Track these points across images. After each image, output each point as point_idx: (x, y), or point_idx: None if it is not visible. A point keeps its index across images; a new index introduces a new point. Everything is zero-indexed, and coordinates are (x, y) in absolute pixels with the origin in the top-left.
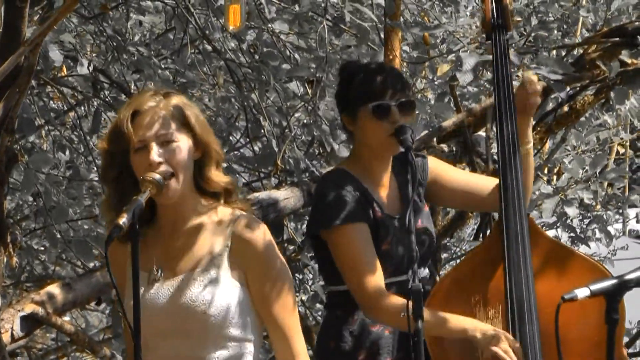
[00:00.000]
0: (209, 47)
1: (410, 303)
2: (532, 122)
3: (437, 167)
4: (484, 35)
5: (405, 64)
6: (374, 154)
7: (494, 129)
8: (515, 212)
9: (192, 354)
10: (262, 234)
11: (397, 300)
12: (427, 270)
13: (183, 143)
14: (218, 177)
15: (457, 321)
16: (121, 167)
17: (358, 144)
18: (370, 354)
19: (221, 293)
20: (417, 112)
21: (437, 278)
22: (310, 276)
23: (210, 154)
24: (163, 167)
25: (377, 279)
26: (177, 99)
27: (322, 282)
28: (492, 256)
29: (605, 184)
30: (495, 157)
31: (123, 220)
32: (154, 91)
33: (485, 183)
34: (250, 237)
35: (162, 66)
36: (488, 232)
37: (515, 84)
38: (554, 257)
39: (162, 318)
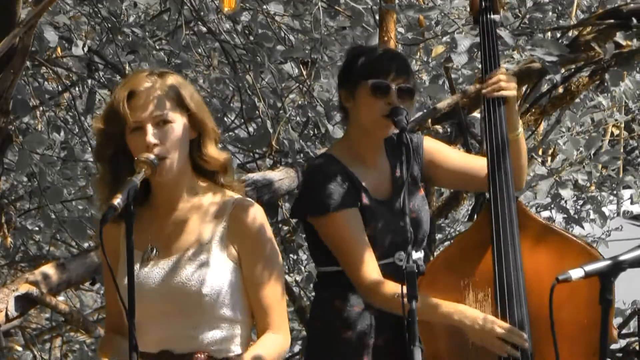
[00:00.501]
0: (204, 29)
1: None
2: (517, 109)
3: (433, 147)
4: (472, 19)
5: (399, 45)
6: (365, 134)
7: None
8: (503, 195)
9: (185, 334)
10: (257, 216)
11: (392, 285)
12: (421, 254)
13: (178, 123)
14: (216, 154)
15: (446, 307)
16: (116, 147)
17: (351, 124)
18: (356, 335)
19: (215, 273)
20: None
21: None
22: (305, 257)
23: (207, 132)
24: (158, 148)
25: (371, 264)
26: (172, 79)
27: None
28: (481, 239)
29: (600, 165)
30: None
31: (118, 201)
32: (150, 71)
33: (482, 164)
34: (245, 219)
35: (157, 47)
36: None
37: (510, 66)
38: (543, 239)
39: (155, 297)
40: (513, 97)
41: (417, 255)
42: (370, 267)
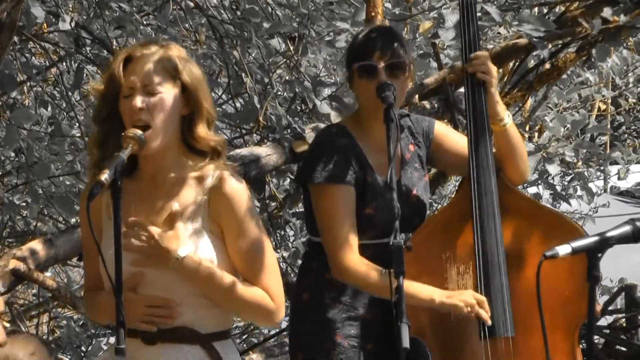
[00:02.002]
0: (191, 4)
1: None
2: (499, 100)
3: (444, 133)
4: None
5: (386, 21)
6: (369, 114)
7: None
8: (483, 167)
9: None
10: (239, 191)
11: (362, 266)
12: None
13: (168, 94)
14: (207, 135)
15: (425, 292)
16: (111, 109)
17: (358, 104)
18: (344, 308)
19: (196, 246)
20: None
21: None
22: (292, 233)
23: (201, 111)
24: (144, 115)
25: (352, 244)
26: (175, 52)
27: (303, 239)
28: (462, 212)
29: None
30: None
31: (105, 176)
32: (156, 41)
33: None
34: (228, 192)
35: (144, 22)
36: None
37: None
38: (524, 212)
39: (137, 272)
40: (494, 85)
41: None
42: (349, 248)
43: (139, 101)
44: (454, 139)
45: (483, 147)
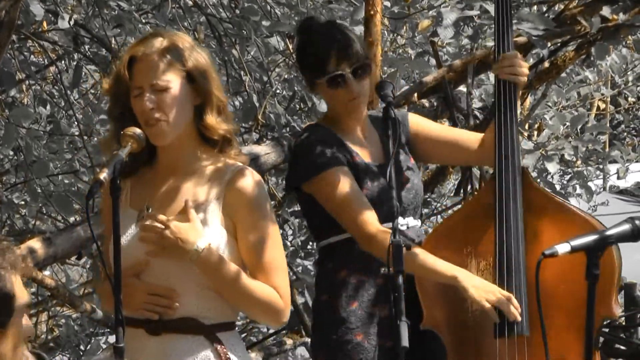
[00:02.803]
0: (190, 2)
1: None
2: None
3: (419, 122)
4: None
5: (386, 19)
6: (340, 117)
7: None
8: (509, 165)
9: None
10: (256, 186)
11: (386, 236)
12: (418, 222)
13: (176, 87)
14: (216, 123)
15: (449, 267)
16: (123, 107)
17: (330, 106)
18: (363, 305)
19: (209, 239)
20: (395, 68)
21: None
22: (290, 232)
23: (210, 99)
24: (156, 113)
25: (369, 214)
26: (179, 41)
27: (302, 238)
28: (485, 208)
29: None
30: (476, 112)
31: (104, 175)
32: (160, 33)
33: (471, 137)
34: (244, 188)
35: (143, 21)
36: (469, 187)
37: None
38: (547, 211)
39: (143, 256)
40: (520, 86)
41: (415, 222)
42: (369, 218)
43: (148, 102)
44: (430, 127)
45: (510, 145)
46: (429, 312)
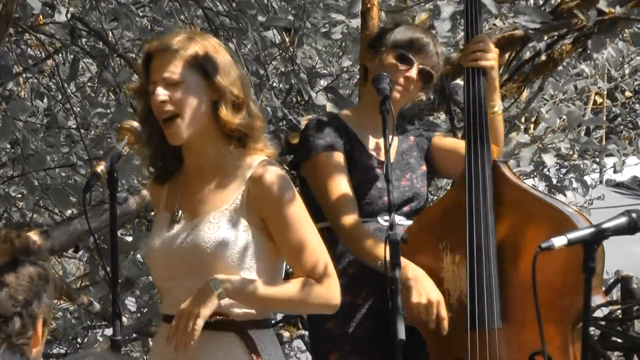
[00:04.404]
0: None
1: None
2: (496, 83)
3: (441, 138)
4: None
5: (383, 12)
6: (374, 99)
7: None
8: (478, 158)
9: None
10: (279, 179)
11: (357, 231)
12: (408, 221)
13: (191, 83)
14: (230, 117)
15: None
16: (146, 108)
17: (363, 88)
18: (350, 290)
19: (231, 236)
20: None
21: None
22: None
23: (224, 95)
24: (168, 107)
25: (351, 208)
26: (197, 39)
27: None
28: (459, 202)
29: (583, 133)
30: None
31: (101, 167)
32: (179, 32)
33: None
34: (267, 182)
35: (140, 14)
36: None
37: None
38: (519, 204)
39: (176, 258)
40: (492, 69)
41: (409, 222)
42: (348, 209)
43: (160, 95)
44: (452, 141)
45: (480, 139)
46: (407, 309)
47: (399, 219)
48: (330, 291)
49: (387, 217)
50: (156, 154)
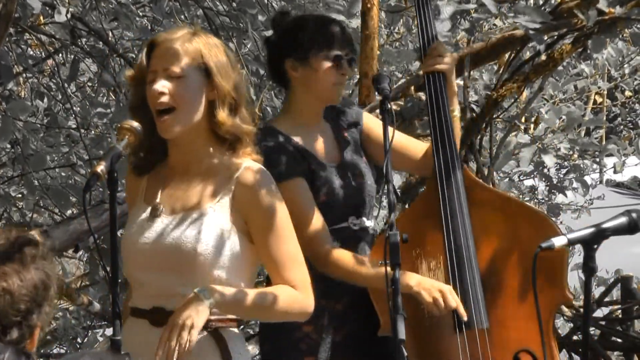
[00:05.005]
0: None
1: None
2: (455, 90)
3: (371, 123)
4: None
5: (383, 12)
6: (314, 101)
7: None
8: (449, 163)
9: (178, 291)
10: (266, 184)
11: (343, 254)
12: (372, 222)
13: (191, 79)
14: (226, 120)
15: (402, 276)
16: (141, 98)
17: (296, 93)
18: (316, 297)
19: (214, 235)
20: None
21: None
22: None
23: (222, 95)
24: (165, 98)
25: (323, 233)
26: (200, 36)
27: None
28: (429, 209)
29: (583, 133)
30: (473, 106)
31: (101, 167)
32: (186, 27)
33: (418, 147)
34: (254, 186)
35: (140, 14)
36: None
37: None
38: (491, 205)
39: (152, 252)
40: (449, 72)
41: (369, 223)
42: (324, 238)
43: (159, 85)
44: (379, 129)
45: (447, 142)
46: (385, 318)
47: (365, 221)
48: (308, 299)
49: (357, 219)
50: (142, 144)
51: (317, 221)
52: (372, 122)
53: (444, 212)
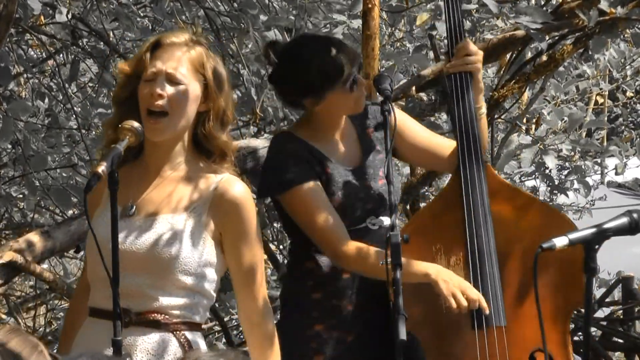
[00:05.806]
0: None
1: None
2: (482, 87)
3: (402, 120)
4: None
5: (384, 12)
6: (333, 118)
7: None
8: (472, 159)
9: (147, 293)
10: (244, 199)
11: (365, 249)
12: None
13: (190, 87)
14: (216, 134)
15: (420, 265)
16: (131, 93)
17: (314, 114)
18: (326, 297)
19: (185, 241)
20: (393, 62)
21: None
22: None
23: (216, 109)
24: (162, 102)
25: (341, 232)
26: (203, 46)
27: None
28: (451, 204)
29: (584, 134)
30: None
31: (102, 168)
32: (189, 34)
33: (445, 144)
34: (233, 198)
35: (141, 14)
36: None
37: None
38: (513, 203)
39: (128, 253)
40: (477, 72)
41: (389, 222)
42: (341, 236)
43: (160, 87)
44: (414, 129)
45: (472, 139)
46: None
47: (386, 220)
48: (274, 330)
49: (376, 218)
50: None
51: (333, 220)
52: (403, 119)
53: (467, 208)
